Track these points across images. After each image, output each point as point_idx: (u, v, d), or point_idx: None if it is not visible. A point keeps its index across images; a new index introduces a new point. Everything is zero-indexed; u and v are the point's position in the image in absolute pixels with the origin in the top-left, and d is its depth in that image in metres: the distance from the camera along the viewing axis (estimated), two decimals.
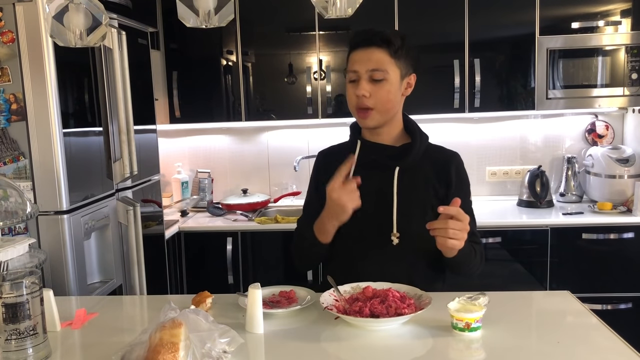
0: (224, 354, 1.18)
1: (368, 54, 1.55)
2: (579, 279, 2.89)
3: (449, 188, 1.62)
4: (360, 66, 1.56)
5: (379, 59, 1.55)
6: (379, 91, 1.55)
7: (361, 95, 1.55)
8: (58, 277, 1.93)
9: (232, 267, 3.03)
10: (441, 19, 3.08)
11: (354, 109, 1.61)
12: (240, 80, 3.20)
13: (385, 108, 1.58)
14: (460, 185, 1.64)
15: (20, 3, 1.84)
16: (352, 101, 1.59)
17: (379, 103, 1.56)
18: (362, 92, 1.55)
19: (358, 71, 1.56)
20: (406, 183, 1.59)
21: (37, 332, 1.23)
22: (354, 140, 1.68)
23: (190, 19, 1.44)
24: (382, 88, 1.55)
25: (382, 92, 1.56)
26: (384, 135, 1.65)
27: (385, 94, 1.56)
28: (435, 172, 1.62)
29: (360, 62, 1.56)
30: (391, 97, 1.57)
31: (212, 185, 3.58)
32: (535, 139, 3.47)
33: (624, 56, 2.97)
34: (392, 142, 1.66)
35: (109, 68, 2.21)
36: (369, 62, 1.55)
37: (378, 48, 1.55)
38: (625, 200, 3.05)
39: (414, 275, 1.56)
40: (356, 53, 1.58)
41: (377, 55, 1.55)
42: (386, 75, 1.55)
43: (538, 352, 1.25)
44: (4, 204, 1.52)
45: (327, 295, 1.47)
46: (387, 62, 1.55)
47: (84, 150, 2.08)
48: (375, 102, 1.56)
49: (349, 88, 1.61)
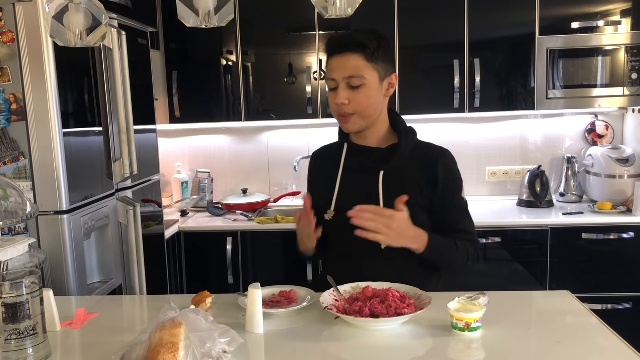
0: (224, 354, 1.18)
1: (344, 60, 1.53)
2: (579, 279, 2.89)
3: (436, 187, 1.60)
4: (337, 74, 1.54)
5: (355, 65, 1.52)
6: (357, 97, 1.54)
7: (340, 103, 1.54)
8: (58, 277, 1.93)
9: (232, 267, 3.03)
10: (441, 19, 3.08)
11: (336, 115, 1.60)
12: (240, 80, 3.20)
13: (366, 113, 1.57)
14: (448, 183, 1.61)
15: (20, 3, 1.84)
16: (333, 108, 1.59)
17: (360, 109, 1.55)
18: (340, 100, 1.54)
19: (335, 79, 1.55)
20: (393, 185, 1.58)
21: (37, 332, 1.24)
22: (341, 142, 1.69)
23: (190, 19, 1.44)
24: (360, 94, 1.54)
25: (361, 97, 1.54)
26: (370, 138, 1.65)
27: (364, 100, 1.55)
28: (422, 171, 1.60)
29: (337, 70, 1.54)
30: (371, 101, 1.56)
31: (212, 185, 3.58)
32: (535, 139, 3.47)
33: (624, 56, 2.97)
34: (379, 143, 1.65)
35: (109, 68, 2.21)
36: (345, 69, 1.53)
37: (353, 53, 1.52)
38: (625, 200, 3.05)
39: (406, 276, 1.54)
40: (332, 60, 1.56)
41: (353, 62, 1.52)
42: (363, 81, 1.53)
43: (538, 352, 1.25)
44: (4, 204, 1.52)
45: (327, 295, 1.47)
46: (364, 67, 1.53)
47: (84, 150, 2.08)
48: (356, 108, 1.55)
49: (329, 95, 1.60)
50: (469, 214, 1.66)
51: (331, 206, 1.63)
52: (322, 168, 1.71)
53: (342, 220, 1.55)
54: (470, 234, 1.63)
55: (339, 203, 1.62)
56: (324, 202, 1.64)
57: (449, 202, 1.61)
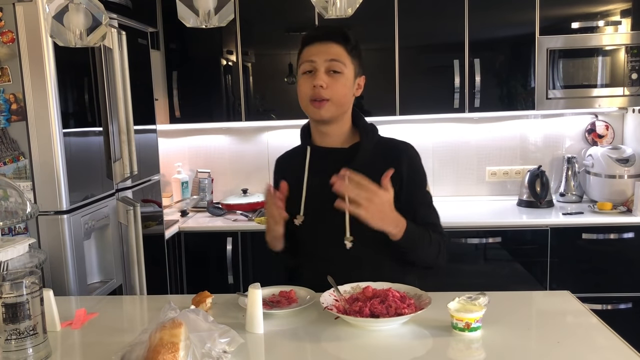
0: (224, 354, 1.18)
1: (327, 47, 1.55)
2: (579, 279, 2.89)
3: (401, 181, 1.57)
4: (318, 57, 1.54)
5: (338, 52, 1.55)
6: (335, 83, 1.55)
7: (319, 85, 1.53)
8: (58, 277, 1.93)
9: (232, 267, 3.03)
10: (441, 19, 3.08)
11: (307, 100, 1.57)
12: (240, 80, 3.20)
13: (340, 102, 1.57)
14: (413, 177, 1.60)
15: (20, 3, 1.84)
16: (307, 93, 1.56)
17: (335, 95, 1.55)
18: (320, 82, 1.53)
19: (316, 61, 1.55)
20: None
21: (37, 332, 1.23)
22: (303, 145, 1.68)
23: (190, 19, 1.44)
24: (338, 81, 1.55)
25: (339, 84, 1.55)
26: (333, 137, 1.64)
27: (341, 87, 1.56)
28: (386, 166, 1.51)
29: (319, 54, 1.55)
30: (346, 91, 1.57)
31: (212, 185, 3.58)
32: (535, 139, 3.47)
33: (624, 56, 2.97)
34: (341, 143, 1.65)
35: (109, 68, 2.21)
36: (327, 54, 1.54)
37: (336, 43, 1.56)
38: (625, 200, 3.05)
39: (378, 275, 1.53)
40: (313, 46, 1.57)
41: (336, 49, 1.55)
42: (343, 69, 1.55)
43: (538, 352, 1.25)
44: (4, 204, 1.52)
45: (327, 295, 1.47)
46: (345, 56, 1.56)
47: (84, 150, 2.08)
48: (332, 94, 1.55)
49: (302, 80, 1.58)
50: (434, 208, 1.65)
51: (300, 211, 1.61)
52: (287, 173, 1.69)
53: (311, 224, 1.57)
54: (438, 226, 1.62)
55: (307, 207, 1.61)
56: (292, 207, 1.60)
57: (415, 197, 1.60)
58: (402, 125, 3.44)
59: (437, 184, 3.48)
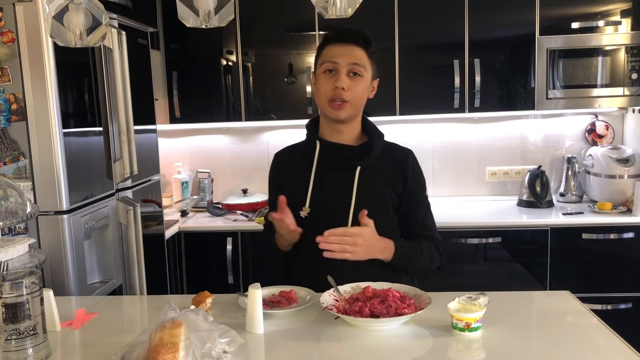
0: (224, 354, 1.18)
1: (349, 49, 1.59)
2: (579, 279, 2.89)
3: (406, 183, 1.66)
4: (341, 59, 1.58)
5: (360, 56, 1.59)
6: (355, 86, 1.59)
7: (340, 87, 1.56)
8: (58, 277, 1.93)
9: (232, 267, 3.03)
10: (441, 19, 3.08)
11: (326, 99, 1.60)
12: (240, 80, 3.20)
13: (358, 103, 1.62)
14: (415, 180, 1.69)
15: (20, 3, 1.84)
16: (327, 92, 1.59)
17: (355, 98, 1.60)
18: (342, 84, 1.56)
19: (339, 63, 1.58)
20: (366, 181, 1.62)
21: (37, 332, 1.24)
22: (311, 140, 1.70)
23: (190, 19, 1.44)
24: (358, 84, 1.59)
25: (359, 87, 1.60)
26: (345, 134, 1.68)
27: (360, 90, 1.60)
28: (393, 169, 1.66)
29: (342, 55, 1.58)
30: (364, 94, 1.63)
31: (212, 185, 3.58)
32: (535, 139, 3.47)
33: (624, 56, 2.97)
34: (352, 141, 1.69)
35: (109, 68, 2.21)
36: (351, 56, 1.58)
37: (358, 46, 1.59)
38: (625, 200, 3.05)
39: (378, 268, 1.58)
40: (336, 47, 1.60)
41: (358, 53, 1.59)
42: (364, 72, 1.60)
43: (538, 352, 1.25)
44: (4, 204, 1.52)
45: (327, 295, 1.47)
46: (366, 60, 1.60)
47: (84, 150, 2.08)
48: (352, 96, 1.59)
49: (323, 79, 1.61)
50: (431, 212, 1.73)
51: (306, 203, 1.64)
52: (290, 167, 1.74)
53: (317, 216, 1.61)
54: (432, 231, 1.70)
55: (313, 199, 1.64)
56: (297, 200, 1.63)
57: (416, 199, 1.68)
58: (402, 125, 3.44)
59: (437, 184, 3.48)
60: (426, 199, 1.72)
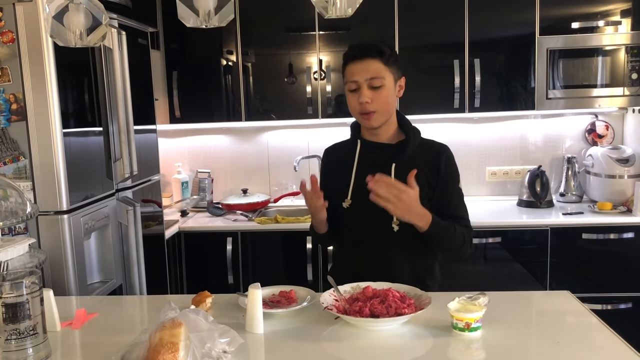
0: (224, 354, 1.18)
1: (365, 64, 1.70)
2: (579, 279, 2.89)
3: (438, 176, 1.76)
4: (359, 76, 1.70)
5: (376, 69, 1.70)
6: (379, 97, 1.71)
7: (364, 102, 1.70)
8: (58, 277, 1.93)
9: (232, 267, 3.03)
10: (441, 19, 3.08)
11: (357, 114, 1.76)
12: (240, 80, 3.20)
13: (385, 110, 1.74)
14: (448, 174, 1.78)
15: (20, 3, 1.84)
16: (356, 108, 1.74)
17: (380, 106, 1.72)
18: (365, 99, 1.69)
19: (358, 81, 1.71)
20: (403, 176, 1.68)
21: (37, 332, 1.24)
22: (354, 139, 1.85)
23: (190, 19, 1.44)
24: (381, 94, 1.71)
25: (382, 97, 1.71)
26: (382, 135, 1.80)
27: (384, 99, 1.72)
28: (427, 164, 1.76)
29: (359, 73, 1.70)
30: (389, 100, 1.73)
31: (212, 185, 3.58)
32: (535, 139, 3.47)
33: (624, 56, 2.97)
34: (389, 140, 1.81)
35: (109, 68, 2.21)
36: (367, 72, 1.69)
37: (372, 59, 1.70)
38: (625, 200, 3.05)
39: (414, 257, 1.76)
40: (353, 65, 1.72)
41: (373, 65, 1.70)
42: (383, 82, 1.70)
43: (538, 352, 1.25)
44: (4, 204, 1.52)
45: (327, 295, 1.47)
46: (383, 70, 1.70)
47: (84, 150, 2.08)
48: (377, 106, 1.71)
49: (350, 97, 1.75)
50: (464, 203, 1.83)
51: (348, 195, 1.78)
52: (336, 162, 1.87)
53: (358, 208, 1.76)
54: (465, 220, 1.80)
55: (355, 193, 1.77)
56: (341, 192, 1.79)
57: (449, 190, 1.78)
58: None
59: None
60: (459, 192, 1.81)
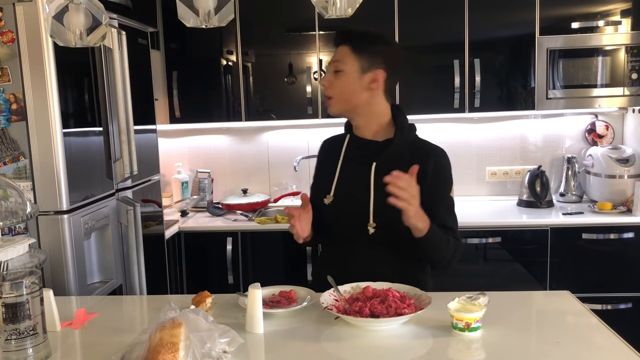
0: (224, 354, 1.18)
1: (337, 50, 1.71)
2: (579, 279, 2.89)
3: (424, 182, 1.58)
4: (330, 60, 1.73)
5: (342, 54, 1.68)
6: (336, 81, 1.69)
7: (322, 84, 1.73)
8: (58, 277, 1.93)
9: (232, 267, 3.03)
10: (441, 19, 3.08)
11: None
12: (240, 80, 3.20)
13: (341, 97, 1.69)
14: (436, 180, 1.66)
15: (20, 3, 1.84)
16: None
17: (336, 93, 1.69)
18: (323, 81, 1.72)
19: (329, 64, 1.73)
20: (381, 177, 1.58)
21: (37, 332, 1.24)
22: (345, 133, 1.81)
23: (190, 19, 1.44)
24: (338, 79, 1.68)
25: (339, 82, 1.68)
26: (364, 130, 1.74)
27: (340, 85, 1.68)
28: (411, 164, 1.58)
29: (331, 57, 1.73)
30: (346, 88, 1.68)
31: (212, 185, 3.58)
32: (535, 139, 3.47)
33: (624, 56, 2.97)
34: (376, 136, 1.73)
35: (109, 68, 2.21)
36: (334, 56, 1.71)
37: (343, 44, 1.69)
38: (625, 200, 3.05)
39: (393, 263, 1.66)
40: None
41: (341, 50, 1.69)
42: (344, 67, 1.67)
43: (538, 352, 1.25)
44: (4, 204, 1.52)
45: (327, 295, 1.47)
46: (347, 55, 1.67)
47: (84, 150, 2.08)
48: (333, 92, 1.69)
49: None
50: (454, 214, 1.70)
51: (330, 192, 1.73)
52: (328, 155, 1.82)
53: (339, 205, 1.71)
54: (454, 232, 1.67)
55: (337, 189, 1.72)
56: (325, 187, 1.74)
57: (437, 200, 1.64)
58: None
59: None
60: (449, 201, 1.69)
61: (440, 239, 1.60)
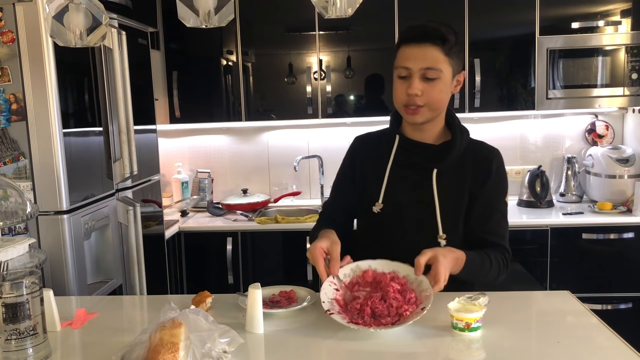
0: (224, 354, 1.18)
1: (422, 51, 1.47)
2: (579, 279, 2.89)
3: (484, 184, 1.55)
4: (413, 63, 1.48)
5: (434, 57, 1.47)
6: (431, 90, 1.49)
7: (413, 94, 1.49)
8: (58, 277, 1.93)
9: (232, 267, 3.03)
10: (441, 18, 3.03)
11: (401, 105, 1.54)
12: (240, 80, 3.20)
13: (436, 106, 1.52)
14: (497, 184, 1.58)
15: (20, 3, 1.84)
16: (402, 98, 1.52)
17: (431, 101, 1.50)
18: (414, 91, 1.48)
19: (411, 68, 1.48)
20: (445, 183, 1.55)
21: (37, 332, 1.23)
22: (392, 133, 1.64)
23: (190, 19, 1.44)
24: (434, 87, 1.49)
25: (435, 91, 1.49)
26: (427, 133, 1.59)
27: (437, 93, 1.50)
28: (474, 170, 1.57)
29: (414, 59, 1.48)
30: (442, 95, 1.52)
31: (212, 185, 3.58)
32: (535, 139, 3.47)
33: (624, 56, 2.97)
34: (433, 139, 1.60)
35: (109, 68, 2.21)
36: (424, 60, 1.47)
37: (433, 45, 1.47)
38: (625, 200, 3.05)
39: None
40: (409, 48, 1.49)
41: (432, 53, 1.47)
42: (440, 74, 1.48)
43: (538, 352, 1.25)
44: (4, 204, 1.52)
45: (327, 284, 1.44)
46: (442, 60, 1.47)
47: (84, 150, 2.08)
48: (427, 101, 1.50)
49: (398, 84, 1.53)
50: (506, 219, 1.62)
51: (379, 198, 1.59)
52: (367, 155, 1.66)
53: (392, 214, 1.56)
54: (505, 241, 1.59)
55: (387, 196, 1.58)
56: (371, 193, 1.60)
57: (494, 203, 1.57)
58: None
59: None
60: (504, 206, 1.60)
61: (481, 267, 1.49)
